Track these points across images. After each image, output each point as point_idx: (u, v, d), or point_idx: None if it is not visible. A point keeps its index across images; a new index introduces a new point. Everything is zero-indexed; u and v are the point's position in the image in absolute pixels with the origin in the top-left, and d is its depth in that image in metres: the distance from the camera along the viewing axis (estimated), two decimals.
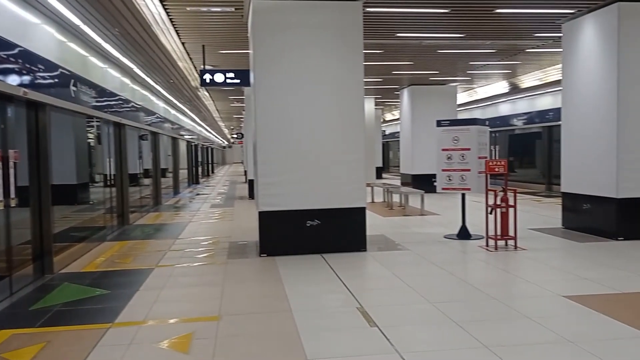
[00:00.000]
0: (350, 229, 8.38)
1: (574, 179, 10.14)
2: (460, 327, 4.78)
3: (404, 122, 20.89)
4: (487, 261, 7.77)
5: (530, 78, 18.51)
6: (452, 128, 9.60)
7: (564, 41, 10.36)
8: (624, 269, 7.02)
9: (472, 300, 5.74)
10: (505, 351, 4.19)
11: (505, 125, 22.21)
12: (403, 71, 16.67)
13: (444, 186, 9.72)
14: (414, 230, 10.76)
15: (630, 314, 5.03)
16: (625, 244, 8.70)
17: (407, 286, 6.31)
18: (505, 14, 9.82)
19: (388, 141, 37.86)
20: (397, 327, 4.88)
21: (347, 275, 6.91)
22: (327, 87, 8.25)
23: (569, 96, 10.28)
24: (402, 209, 13.99)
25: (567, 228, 10.29)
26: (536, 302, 5.63)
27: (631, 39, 8.90)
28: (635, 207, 8.99)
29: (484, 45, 12.74)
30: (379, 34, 11.20)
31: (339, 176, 8.28)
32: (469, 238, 9.43)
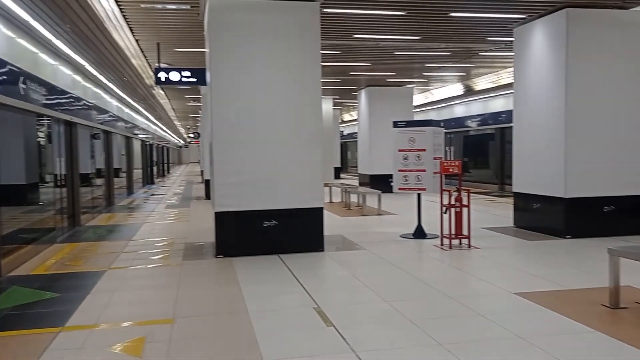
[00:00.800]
0: (307, 229, 8.39)
1: (525, 179, 10.44)
2: (416, 326, 4.84)
3: (362, 122, 21.07)
4: (442, 260, 7.91)
5: (483, 81, 18.97)
6: (408, 129, 9.74)
7: (515, 45, 10.66)
8: (571, 266, 7.27)
9: (427, 298, 5.83)
10: (458, 348, 4.27)
11: (460, 126, 22.67)
12: (360, 72, 16.81)
13: (400, 186, 9.84)
14: (371, 230, 10.86)
15: (576, 310, 5.21)
16: (573, 242, 9.00)
17: (364, 285, 6.36)
18: (459, 17, 10.03)
19: (346, 141, 38.09)
20: (354, 326, 4.91)
21: (304, 275, 6.91)
22: (285, 87, 8.23)
23: (520, 99, 10.58)
24: (359, 209, 14.09)
25: (519, 227, 10.58)
26: (489, 300, 5.77)
27: (579, 44, 9.21)
28: (582, 206, 9.32)
29: (439, 48, 12.97)
30: (337, 34, 11.25)
31: (296, 176, 8.27)
32: (425, 237, 9.58)
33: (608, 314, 5.13)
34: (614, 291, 5.31)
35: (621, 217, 9.43)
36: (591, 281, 6.32)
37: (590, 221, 9.34)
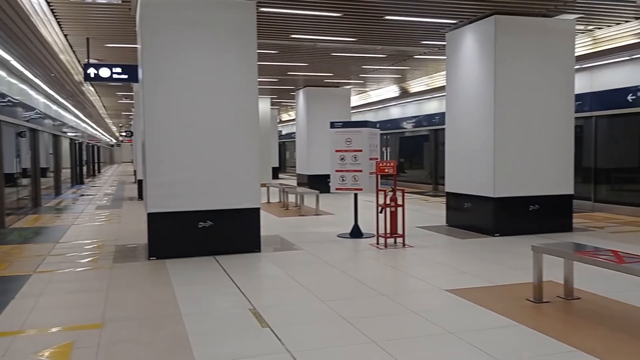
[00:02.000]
0: (244, 230, 8.31)
1: (457, 179, 10.78)
2: (350, 324, 4.89)
3: (300, 122, 21.11)
4: (377, 259, 8.03)
5: (418, 83, 19.43)
6: (345, 130, 9.83)
7: (448, 49, 10.98)
8: (498, 263, 7.56)
9: (362, 297, 5.90)
10: (391, 345, 4.35)
11: (396, 127, 23.13)
12: (298, 72, 16.83)
13: (337, 186, 9.92)
14: (309, 230, 10.89)
15: (503, 305, 5.42)
16: (501, 239, 9.37)
17: (300, 285, 6.37)
18: (394, 20, 10.22)
19: (285, 141, 38.05)
20: (289, 326, 4.91)
21: (239, 276, 6.84)
22: (220, 85, 8.11)
23: (452, 101, 10.91)
24: (297, 209, 14.10)
25: (451, 226, 10.90)
26: (422, 297, 5.90)
27: (506, 49, 9.60)
28: (509, 205, 9.71)
29: (375, 50, 13.17)
30: (274, 34, 11.21)
31: (232, 176, 8.17)
32: (361, 237, 9.70)
33: (532, 308, 5.37)
34: (537, 286, 5.56)
35: (546, 216, 9.90)
36: (517, 277, 6.59)
37: (517, 220, 9.75)
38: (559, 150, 10.03)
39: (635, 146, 12.32)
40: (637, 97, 11.84)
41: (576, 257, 5.25)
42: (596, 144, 13.18)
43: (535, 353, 4.18)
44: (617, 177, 12.99)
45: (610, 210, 12.61)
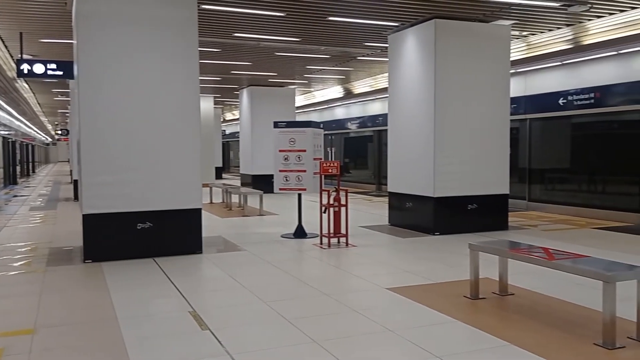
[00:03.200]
0: (185, 231, 8.15)
1: (399, 179, 10.97)
2: (292, 324, 4.88)
3: (244, 122, 20.94)
4: (321, 258, 8.06)
5: (362, 84, 19.66)
6: (289, 130, 9.81)
7: (390, 51, 11.16)
8: (438, 261, 7.74)
9: (304, 297, 5.91)
10: (332, 344, 4.37)
11: (341, 128, 23.32)
12: (242, 71, 16.68)
13: (281, 186, 9.89)
14: (252, 231, 10.81)
15: (441, 302, 5.55)
16: (441, 238, 9.60)
17: (242, 287, 6.31)
18: (337, 22, 10.29)
19: (228, 141, 37.66)
20: (230, 328, 4.85)
21: (180, 278, 6.71)
22: (160, 83, 7.91)
23: (394, 103, 11.10)
24: (241, 209, 13.98)
25: (393, 225, 11.08)
26: (363, 296, 5.97)
27: (446, 52, 9.85)
28: (448, 205, 9.97)
29: (319, 51, 13.23)
30: (216, 32, 11.07)
31: (172, 176, 8.00)
32: (305, 237, 9.72)
33: (469, 304, 5.52)
34: (474, 283, 5.73)
35: (483, 215, 10.22)
36: (455, 274, 6.77)
37: (456, 219, 10.02)
38: (496, 151, 10.38)
39: (566, 148, 12.90)
40: (568, 101, 12.41)
41: (510, 255, 5.44)
42: (530, 146, 13.72)
43: (470, 348, 4.30)
44: (549, 177, 13.57)
45: (543, 209, 13.15)
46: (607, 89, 11.51)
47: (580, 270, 4.61)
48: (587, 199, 12.31)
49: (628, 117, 11.25)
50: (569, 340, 4.43)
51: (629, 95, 11.08)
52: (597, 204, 11.96)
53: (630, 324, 4.52)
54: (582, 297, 5.58)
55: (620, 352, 4.16)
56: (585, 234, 9.92)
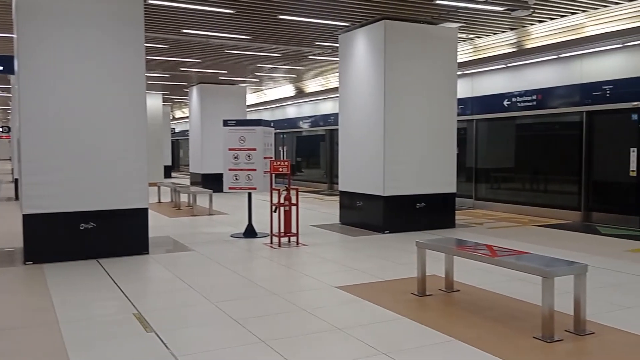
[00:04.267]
0: (130, 231, 7.95)
1: (350, 179, 11.05)
2: (240, 325, 4.84)
3: (193, 120, 20.63)
4: (271, 258, 8.02)
5: (313, 83, 19.70)
6: (239, 128, 9.72)
7: (341, 51, 11.22)
8: (387, 259, 7.83)
9: (253, 297, 5.86)
10: (280, 344, 4.35)
11: (293, 127, 23.29)
12: (191, 68, 16.42)
13: (230, 185, 9.79)
14: (201, 231, 10.66)
15: (389, 299, 5.62)
16: (390, 236, 9.72)
17: (189, 287, 6.20)
18: (288, 20, 10.27)
19: (178, 139, 37.01)
20: (176, 330, 4.76)
21: (124, 280, 6.53)
22: (104, 79, 7.68)
23: (345, 103, 11.17)
24: (190, 209, 13.75)
25: (344, 224, 11.15)
26: (312, 295, 5.97)
27: (395, 53, 9.97)
28: (397, 203, 10.11)
29: (270, 49, 13.17)
30: (164, 28, 10.85)
31: (117, 175, 7.79)
32: (255, 236, 9.65)
33: (416, 301, 5.61)
34: (421, 280, 5.82)
35: (431, 213, 10.41)
36: (403, 272, 6.86)
37: (405, 217, 10.17)
38: (443, 151, 10.59)
39: (510, 148, 13.30)
40: (512, 102, 12.80)
41: (455, 252, 5.56)
42: (477, 146, 14.08)
43: (416, 344, 4.37)
44: (494, 176, 13.96)
45: (489, 207, 13.52)
46: (548, 92, 11.94)
47: (521, 266, 4.76)
48: (529, 197, 12.73)
49: (568, 118, 11.71)
50: (510, 334, 4.57)
51: (568, 97, 11.52)
52: (539, 202, 12.39)
53: (568, 318, 4.69)
54: (524, 293, 5.76)
55: (558, 344, 4.32)
56: (528, 231, 10.25)
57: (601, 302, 5.43)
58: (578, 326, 4.54)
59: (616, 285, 6.18)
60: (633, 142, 10.33)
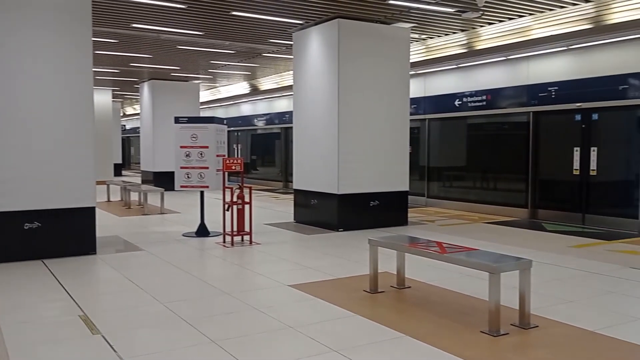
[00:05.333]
0: (77, 231, 7.70)
1: (304, 177, 11.05)
2: (190, 325, 4.75)
3: (145, 117, 20.20)
4: (223, 257, 7.93)
5: (268, 81, 19.60)
6: (191, 125, 9.57)
7: (295, 49, 11.19)
8: (340, 256, 7.86)
9: (204, 297, 5.78)
10: (231, 343, 4.30)
11: (248, 124, 23.11)
12: (142, 64, 16.05)
13: (182, 184, 9.63)
14: (152, 230, 10.44)
15: (341, 297, 5.64)
16: (344, 234, 9.77)
17: (138, 288, 6.06)
18: (241, 17, 10.16)
19: (129, 136, 36.19)
20: (123, 332, 4.64)
21: (70, 281, 6.33)
22: (48, 74, 7.41)
23: (299, 101, 11.15)
24: (141, 208, 13.46)
25: (299, 222, 11.14)
26: (265, 293, 5.94)
27: (349, 52, 10.02)
28: (351, 202, 10.16)
29: (223, 46, 13.01)
30: (113, 22, 10.56)
31: (63, 173, 7.53)
32: (208, 235, 9.53)
33: (368, 298, 5.66)
34: (373, 278, 5.87)
35: (385, 211, 10.52)
36: (357, 270, 6.91)
37: (359, 215, 10.24)
38: (396, 150, 10.71)
39: (461, 147, 13.59)
40: (463, 102, 13.08)
41: (406, 249, 5.64)
42: (429, 145, 14.32)
43: (368, 341, 4.40)
44: (446, 174, 14.23)
45: (441, 205, 13.77)
46: (497, 92, 12.26)
47: (469, 262, 4.87)
48: (479, 195, 13.04)
49: (516, 118, 12.04)
50: (458, 329, 4.66)
51: (516, 98, 11.86)
52: (488, 200, 12.71)
53: (515, 312, 4.82)
54: (473, 288, 5.89)
55: (504, 338, 4.43)
56: (477, 228, 10.50)
57: (545, 297, 5.61)
58: (523, 320, 4.68)
59: (560, 280, 6.39)
60: (577, 142, 10.72)
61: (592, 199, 10.58)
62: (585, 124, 10.61)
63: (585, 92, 10.43)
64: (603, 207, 10.44)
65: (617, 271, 6.77)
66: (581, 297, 5.67)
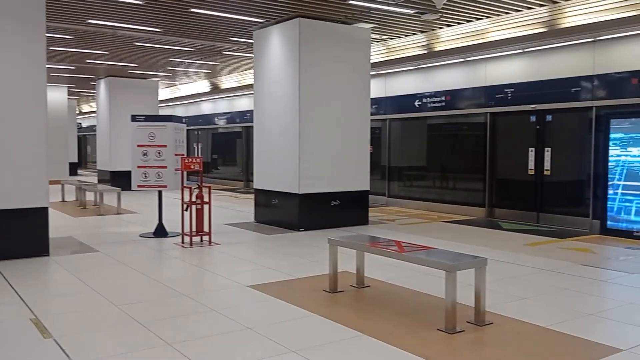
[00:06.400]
0: (28, 232, 7.45)
1: (265, 176, 10.98)
2: (145, 328, 4.66)
3: (101, 115, 19.72)
4: (182, 258, 7.81)
5: (229, 80, 19.41)
6: (148, 124, 9.38)
7: (255, 48, 11.11)
8: (300, 256, 7.85)
9: (161, 298, 5.67)
10: (187, 346, 4.23)
11: (208, 123, 22.84)
12: (99, 60, 15.66)
13: (139, 183, 9.43)
14: (108, 231, 10.20)
15: (301, 297, 5.63)
16: (305, 234, 9.76)
17: (93, 290, 5.90)
18: (200, 14, 10.02)
19: (86, 134, 35.30)
20: (76, 335, 4.51)
21: (22, 283, 6.11)
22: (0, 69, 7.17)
23: (260, 100, 11.08)
24: (97, 208, 13.13)
25: (259, 222, 11.07)
26: (223, 294, 5.87)
27: (310, 52, 10.00)
28: (312, 201, 10.16)
29: (182, 43, 12.82)
30: (69, 17, 10.26)
31: (13, 172, 7.26)
32: (166, 236, 9.37)
33: (327, 298, 5.66)
34: (332, 277, 5.87)
35: (345, 210, 10.55)
36: (317, 269, 6.90)
37: (320, 215, 10.24)
38: (357, 149, 10.76)
39: (421, 147, 13.76)
40: (423, 102, 13.24)
41: (365, 248, 5.67)
42: (390, 145, 14.44)
43: (326, 340, 4.40)
44: (407, 174, 14.39)
45: (402, 204, 13.91)
46: (456, 93, 12.46)
47: (426, 261, 4.92)
48: (439, 194, 13.23)
49: (474, 119, 12.27)
50: (415, 327, 4.71)
51: (474, 99, 12.08)
52: (447, 200, 12.91)
53: (470, 309, 4.89)
54: (430, 286, 5.96)
55: (459, 335, 4.50)
56: (436, 227, 10.65)
57: (500, 294, 5.72)
58: (478, 317, 4.76)
59: (514, 278, 6.54)
60: (532, 143, 10.99)
61: (546, 198, 10.88)
62: (539, 125, 10.89)
63: (540, 94, 10.71)
64: (556, 206, 10.74)
65: (568, 268, 6.97)
66: (534, 294, 5.81)
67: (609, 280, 6.50)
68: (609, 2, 9.02)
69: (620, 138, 9.19)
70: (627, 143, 9.10)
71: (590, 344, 4.34)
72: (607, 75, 9.67)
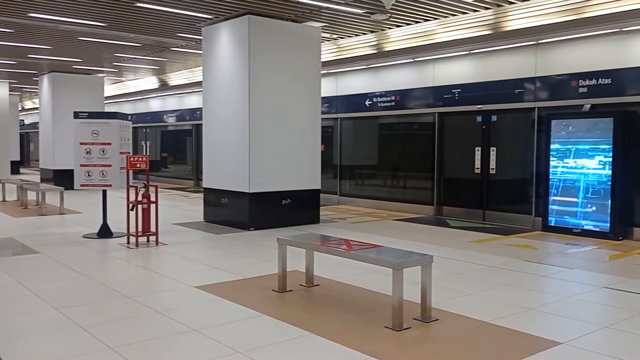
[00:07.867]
0: None
1: (214, 175, 10.82)
2: (86, 332, 4.50)
3: (44, 111, 18.99)
4: (127, 259, 7.61)
5: (178, 76, 19.05)
6: (92, 121, 9.08)
7: (204, 44, 10.93)
8: (250, 256, 7.77)
9: (103, 301, 5.50)
10: (130, 349, 4.11)
11: (157, 121, 22.34)
12: (41, 55, 15.07)
13: (82, 182, 9.13)
14: (50, 231, 9.83)
15: (249, 297, 5.57)
16: (255, 233, 9.67)
17: (32, 293, 5.66)
18: (146, 8, 9.76)
19: (28, 132, 33.98)
20: (12, 340, 4.32)
21: None
22: None
23: (209, 97, 10.91)
24: (38, 208, 12.64)
25: (208, 221, 10.90)
26: (169, 296, 5.74)
27: (260, 49, 9.91)
28: (262, 200, 10.08)
29: (129, 38, 12.48)
30: (8, 10, 9.83)
31: None
32: (111, 236, 9.10)
33: (276, 298, 5.62)
34: (281, 277, 5.84)
35: (296, 209, 10.52)
36: (266, 269, 6.84)
37: (271, 214, 10.17)
38: (308, 148, 10.74)
39: (372, 146, 13.88)
40: (373, 102, 13.35)
41: (314, 247, 5.66)
42: (341, 144, 14.50)
43: (274, 341, 4.36)
44: (358, 173, 14.48)
45: (353, 202, 14.00)
46: (405, 93, 12.62)
47: (374, 259, 4.96)
48: (389, 193, 13.38)
49: (423, 119, 12.47)
50: (363, 325, 4.73)
51: (423, 99, 12.27)
52: (397, 198, 13.07)
53: (417, 306, 4.95)
54: (379, 284, 6.00)
55: (406, 332, 4.55)
56: (386, 225, 10.76)
57: (446, 290, 5.83)
58: (425, 314, 4.83)
59: (460, 274, 6.67)
60: (478, 142, 11.26)
61: (492, 197, 11.17)
62: (485, 125, 11.17)
63: (486, 94, 10.98)
64: (501, 203, 11.04)
65: (512, 264, 7.17)
66: (479, 290, 5.94)
67: (549, 275, 6.72)
68: (550, 6, 9.32)
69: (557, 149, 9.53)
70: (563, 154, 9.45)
71: (531, 338, 4.46)
72: (548, 77, 10.00)
